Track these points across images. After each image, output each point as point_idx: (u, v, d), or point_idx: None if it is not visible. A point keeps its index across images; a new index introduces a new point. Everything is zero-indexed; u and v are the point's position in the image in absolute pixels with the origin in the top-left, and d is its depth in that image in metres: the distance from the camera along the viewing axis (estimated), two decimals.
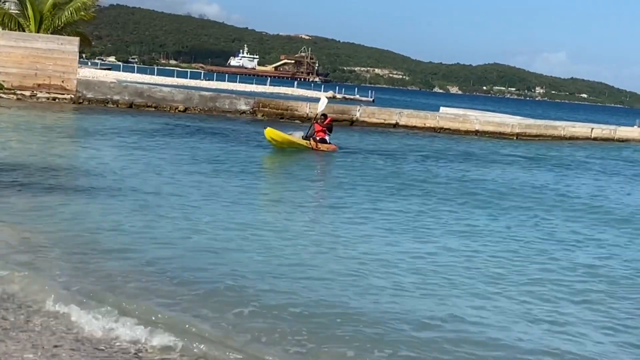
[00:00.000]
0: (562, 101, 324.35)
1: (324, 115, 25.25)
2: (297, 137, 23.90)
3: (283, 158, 23.11)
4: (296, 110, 39.63)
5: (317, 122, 24.95)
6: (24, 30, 39.33)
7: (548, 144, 38.74)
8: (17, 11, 41.98)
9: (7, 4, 43.29)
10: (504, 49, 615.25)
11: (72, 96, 36.42)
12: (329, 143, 24.64)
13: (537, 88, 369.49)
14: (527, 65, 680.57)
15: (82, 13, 41.06)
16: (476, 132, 40.40)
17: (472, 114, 47.08)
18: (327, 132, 24.65)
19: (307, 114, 39.28)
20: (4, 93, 35.02)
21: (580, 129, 43.45)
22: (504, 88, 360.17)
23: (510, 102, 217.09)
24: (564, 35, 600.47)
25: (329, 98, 35.31)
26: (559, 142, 39.86)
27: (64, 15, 40.21)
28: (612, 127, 46.21)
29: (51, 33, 39.03)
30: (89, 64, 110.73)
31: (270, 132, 23.07)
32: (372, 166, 22.08)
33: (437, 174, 21.48)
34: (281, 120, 38.26)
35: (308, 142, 23.94)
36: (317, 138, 24.22)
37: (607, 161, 31.84)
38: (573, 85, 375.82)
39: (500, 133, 40.57)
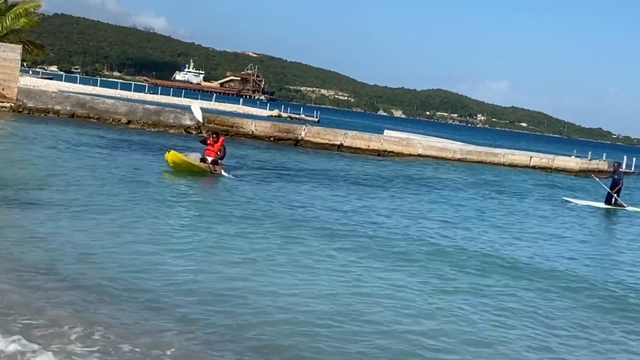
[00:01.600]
0: (503, 129, 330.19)
1: (216, 134, 23.18)
2: (193, 158, 21.84)
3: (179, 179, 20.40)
4: (241, 127, 39.51)
5: (209, 143, 22.59)
6: None
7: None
8: None
9: None
10: (447, 75, 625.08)
11: (12, 105, 35.63)
12: (220, 164, 22.69)
13: (478, 115, 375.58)
14: (469, 93, 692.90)
15: (25, 20, 40.35)
16: (419, 156, 40.85)
17: (416, 137, 47.64)
18: (220, 152, 22.59)
19: (252, 132, 39.21)
20: None
21: (519, 157, 44.36)
22: (446, 114, 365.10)
23: (452, 127, 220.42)
24: (505, 65, 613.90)
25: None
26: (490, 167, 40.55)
27: (6, 22, 39.43)
28: (550, 156, 47.28)
29: None
30: (30, 72, 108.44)
31: (173, 156, 20.84)
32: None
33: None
34: (227, 136, 38.02)
35: (206, 165, 22.05)
36: (209, 159, 22.22)
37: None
38: (513, 114, 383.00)
39: (442, 158, 41.10)
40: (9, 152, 21.90)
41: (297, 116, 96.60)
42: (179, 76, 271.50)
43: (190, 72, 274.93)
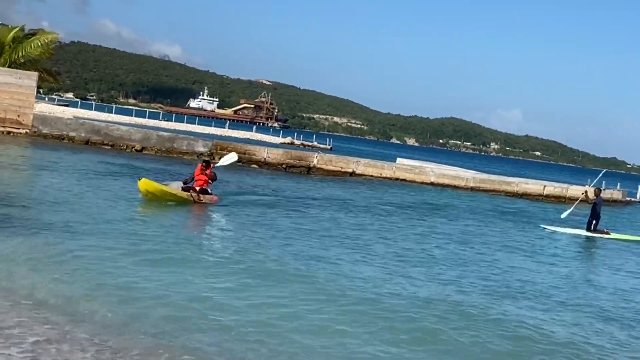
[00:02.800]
0: (517, 158, 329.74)
1: (207, 162, 21.72)
2: (174, 187, 20.48)
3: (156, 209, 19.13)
4: (254, 154, 39.65)
5: (196, 174, 21.31)
6: None
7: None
8: None
9: None
10: (461, 104, 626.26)
11: (28, 131, 35.96)
12: (211, 193, 21.34)
13: (492, 144, 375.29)
14: (483, 121, 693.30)
15: (41, 49, 40.86)
16: (431, 184, 40.83)
17: (428, 166, 47.63)
18: (210, 181, 21.27)
19: (265, 159, 39.34)
20: None
21: (533, 185, 44.18)
22: (459, 142, 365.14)
23: (466, 156, 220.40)
24: (519, 94, 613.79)
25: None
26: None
27: (24, 50, 39.92)
28: (564, 185, 47.07)
29: (9, 67, 38.66)
30: (46, 99, 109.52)
31: (145, 184, 19.24)
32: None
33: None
34: (239, 163, 38.22)
35: (188, 194, 20.47)
36: (197, 188, 20.81)
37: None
38: (527, 142, 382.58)
39: (454, 186, 41.05)
40: (23, 177, 22.07)
41: (310, 144, 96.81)
42: (193, 103, 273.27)
43: (204, 99, 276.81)
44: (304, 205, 23.91)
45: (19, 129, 35.88)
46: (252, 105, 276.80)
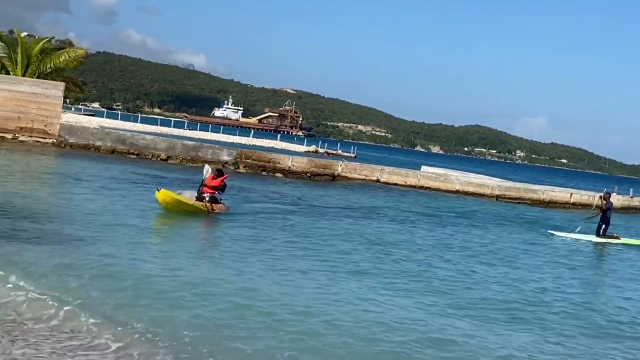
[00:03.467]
0: (542, 165, 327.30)
1: (219, 171, 21.33)
2: (188, 197, 19.98)
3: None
4: (278, 162, 39.68)
5: (206, 182, 20.79)
6: (9, 73, 39.37)
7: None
8: (2, 54, 42.13)
9: None
10: (485, 111, 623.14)
11: (54, 140, 36.30)
12: (220, 202, 20.99)
13: (517, 151, 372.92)
14: (508, 129, 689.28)
15: (68, 59, 41.27)
16: (456, 192, 40.61)
17: (453, 174, 47.39)
18: (219, 191, 20.84)
19: (289, 167, 39.37)
20: None
21: (559, 193, 43.76)
22: (485, 150, 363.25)
23: (491, 163, 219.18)
24: (544, 101, 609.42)
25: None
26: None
27: (52, 62, 40.35)
28: (591, 193, 46.56)
29: (37, 77, 39.09)
30: (73, 109, 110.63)
31: (164, 195, 18.82)
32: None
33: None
34: (263, 172, 38.31)
35: (203, 204, 20.13)
36: (207, 197, 20.39)
37: None
38: (553, 150, 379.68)
39: (480, 194, 40.79)
40: (50, 188, 22.26)
41: (334, 152, 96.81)
42: (217, 112, 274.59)
43: (229, 108, 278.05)
44: (335, 214, 23.87)
45: (45, 138, 36.23)
46: (277, 114, 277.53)
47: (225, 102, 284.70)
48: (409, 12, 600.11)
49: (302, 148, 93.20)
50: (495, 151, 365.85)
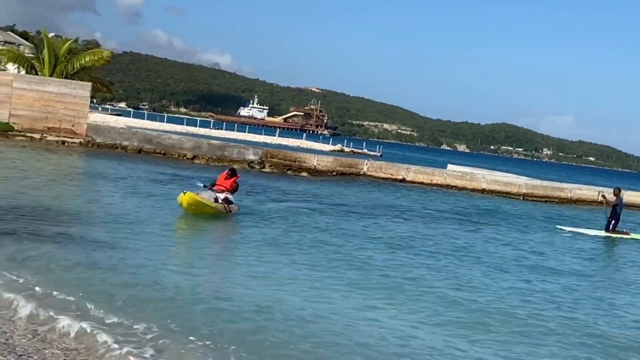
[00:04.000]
0: (570, 163, 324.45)
1: (233, 171, 20.53)
2: (206, 197, 18.91)
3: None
4: (304, 162, 39.64)
5: (218, 182, 20.06)
6: (37, 73, 39.75)
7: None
8: (31, 55, 42.60)
9: (21, 47, 43.90)
10: (512, 109, 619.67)
11: (82, 140, 36.57)
12: (232, 202, 20.00)
13: (544, 149, 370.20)
14: (534, 127, 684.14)
15: (95, 58, 41.57)
16: (483, 191, 40.32)
17: (480, 172, 47.05)
18: (231, 191, 19.91)
19: (315, 166, 39.32)
20: (14, 135, 35.20)
21: (587, 191, 43.28)
22: (511, 148, 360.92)
23: (518, 162, 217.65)
24: (571, 99, 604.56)
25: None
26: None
27: (78, 62, 40.67)
28: None
29: (64, 77, 39.40)
30: (100, 109, 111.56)
31: (190, 198, 17.98)
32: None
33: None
34: (289, 171, 38.29)
35: (223, 205, 19.35)
36: (221, 196, 19.50)
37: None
38: (580, 148, 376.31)
39: (507, 193, 40.47)
40: (78, 188, 22.43)
41: (360, 151, 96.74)
42: (243, 112, 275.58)
43: (254, 107, 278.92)
44: (362, 214, 23.81)
45: (73, 138, 36.51)
46: (302, 113, 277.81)
47: (251, 101, 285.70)
48: (433, 10, 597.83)
49: (328, 147, 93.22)
50: (522, 149, 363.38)
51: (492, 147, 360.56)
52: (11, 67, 44.19)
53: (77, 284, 10.22)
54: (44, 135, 35.94)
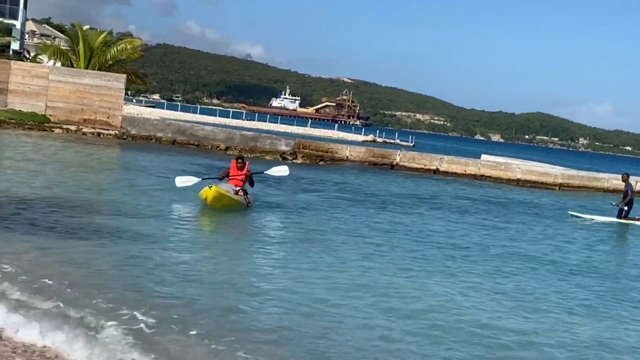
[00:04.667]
0: (606, 153, 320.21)
1: (242, 159, 19.09)
2: (225, 189, 17.73)
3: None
4: (336, 152, 39.59)
5: (231, 172, 18.83)
6: (73, 66, 40.16)
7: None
8: (67, 47, 43.04)
9: (57, 39, 44.37)
10: (547, 98, 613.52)
11: (117, 132, 36.91)
12: (248, 194, 18.80)
13: (580, 139, 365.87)
14: (570, 116, 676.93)
15: (130, 51, 41.89)
16: (518, 181, 39.94)
17: (514, 162, 46.62)
18: (249, 182, 18.85)
19: (347, 157, 39.25)
20: (50, 127, 35.64)
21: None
22: (546, 137, 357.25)
23: (553, 152, 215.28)
24: (608, 87, 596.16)
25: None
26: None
27: (113, 53, 41.00)
28: None
29: (99, 70, 39.77)
30: (134, 101, 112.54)
31: (216, 192, 17.02)
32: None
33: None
34: (320, 162, 38.27)
35: (243, 197, 18.35)
36: (238, 189, 18.30)
37: None
38: (617, 137, 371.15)
39: (542, 183, 40.06)
40: (113, 178, 22.63)
41: (392, 141, 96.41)
42: (275, 103, 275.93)
43: (286, 98, 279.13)
44: (397, 204, 23.73)
45: (108, 130, 36.86)
46: (334, 104, 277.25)
47: (283, 92, 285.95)
48: (466, 1, 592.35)
49: (360, 137, 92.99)
50: (557, 139, 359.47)
51: (526, 136, 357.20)
52: (46, 60, 44.78)
53: (115, 277, 10.32)
54: (80, 127, 36.33)
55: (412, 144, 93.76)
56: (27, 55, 53.49)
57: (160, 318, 8.46)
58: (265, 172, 19.91)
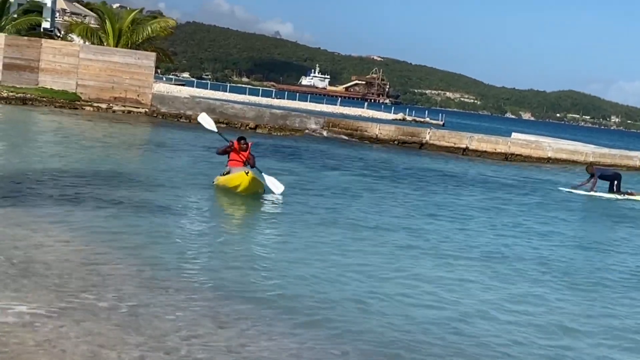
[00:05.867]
0: (639, 131, 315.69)
1: (244, 139, 17.38)
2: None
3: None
4: (366, 130, 39.51)
5: (234, 150, 17.02)
6: (103, 44, 40.40)
7: None
8: (97, 25, 43.27)
9: (87, 18, 44.60)
10: (579, 76, 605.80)
11: (147, 110, 37.14)
12: None
13: (612, 117, 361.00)
14: (602, 94, 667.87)
15: (160, 29, 42.01)
16: (548, 160, 39.58)
17: (545, 140, 46.18)
18: (250, 161, 16.91)
19: (377, 135, 39.14)
20: (81, 105, 35.96)
21: None
22: (578, 116, 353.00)
23: (584, 130, 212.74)
24: None
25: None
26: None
27: (143, 32, 41.14)
28: None
29: (129, 48, 39.95)
30: (164, 79, 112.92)
31: (254, 179, 15.66)
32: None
33: None
34: (352, 139, 38.21)
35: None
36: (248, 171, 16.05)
37: None
38: None
39: (573, 161, 39.66)
40: (144, 156, 22.81)
41: (422, 119, 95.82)
42: (305, 81, 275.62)
43: (315, 76, 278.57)
44: (429, 182, 23.67)
45: (138, 108, 37.11)
46: (364, 82, 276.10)
47: (312, 70, 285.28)
48: None
49: (390, 116, 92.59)
50: (589, 117, 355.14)
51: (557, 115, 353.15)
52: (77, 38, 45.06)
53: (146, 249, 10.43)
54: (111, 105, 36.62)
55: (442, 123, 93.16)
56: (58, 34, 53.87)
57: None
58: (264, 174, 17.04)
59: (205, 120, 18.59)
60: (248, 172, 15.61)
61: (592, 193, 25.10)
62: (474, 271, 11.43)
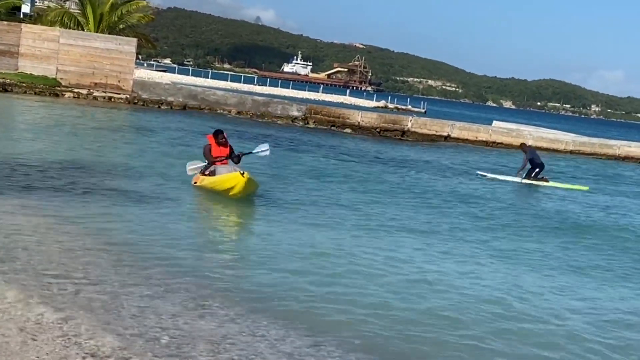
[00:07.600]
0: (619, 120, 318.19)
1: (221, 132, 15.36)
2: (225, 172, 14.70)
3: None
4: (347, 118, 39.49)
5: (219, 144, 15.12)
6: (83, 29, 40.02)
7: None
8: (77, 10, 42.82)
9: (67, 2, 44.18)
10: (559, 65, 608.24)
11: (128, 96, 36.87)
12: None
13: (592, 106, 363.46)
14: (583, 82, 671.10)
15: (140, 15, 41.66)
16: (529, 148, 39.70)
17: (526, 129, 46.38)
18: (234, 159, 15.30)
19: (359, 122, 39.13)
20: (62, 91, 35.62)
21: (635, 148, 42.44)
22: (558, 104, 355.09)
23: (565, 119, 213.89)
24: (621, 54, 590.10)
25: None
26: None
27: (122, 16, 40.77)
28: None
29: (109, 33, 39.62)
30: (145, 65, 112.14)
31: (250, 180, 13.87)
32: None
33: None
34: (332, 128, 38.20)
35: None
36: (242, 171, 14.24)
37: None
38: (630, 104, 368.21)
39: (553, 150, 39.87)
40: (125, 142, 22.66)
41: (404, 107, 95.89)
42: (287, 68, 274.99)
43: (298, 63, 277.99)
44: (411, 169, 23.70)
45: (119, 94, 36.84)
46: (346, 69, 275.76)
47: (295, 57, 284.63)
48: None
49: (372, 103, 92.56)
50: (569, 106, 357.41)
51: (538, 103, 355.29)
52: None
53: (131, 243, 10.37)
54: (91, 91, 36.31)
55: (423, 110, 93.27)
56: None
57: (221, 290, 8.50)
58: (253, 151, 16.36)
59: (191, 167, 16.07)
60: (244, 173, 13.76)
61: (509, 178, 24.86)
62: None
